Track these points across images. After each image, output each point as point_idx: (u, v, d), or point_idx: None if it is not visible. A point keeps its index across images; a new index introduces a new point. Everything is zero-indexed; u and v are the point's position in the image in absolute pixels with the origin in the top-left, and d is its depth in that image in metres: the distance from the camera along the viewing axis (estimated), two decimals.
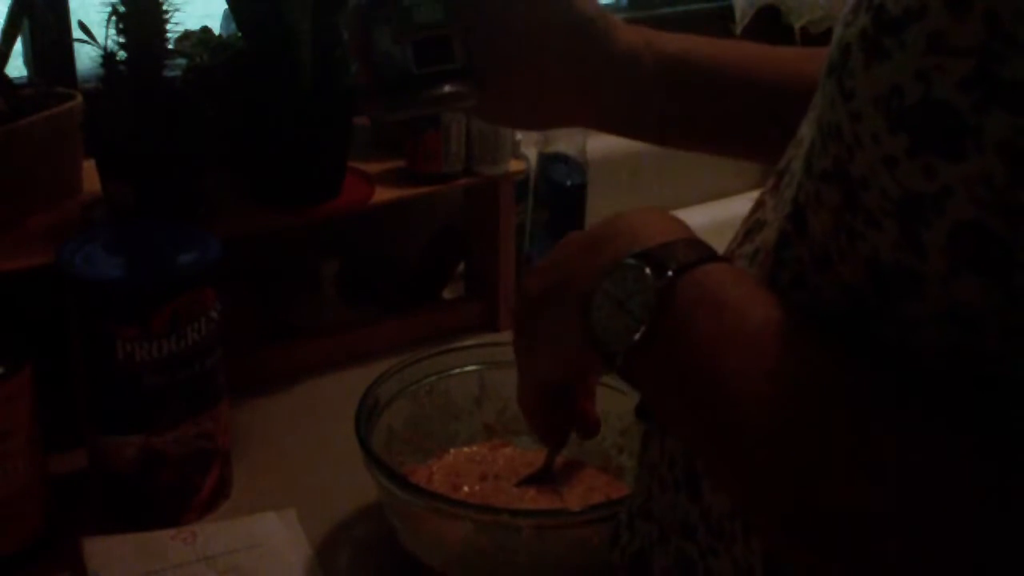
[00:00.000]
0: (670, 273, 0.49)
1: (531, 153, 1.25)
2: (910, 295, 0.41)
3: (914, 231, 0.40)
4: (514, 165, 1.17)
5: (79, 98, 1.01)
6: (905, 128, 0.38)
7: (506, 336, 1.18)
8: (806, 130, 0.49)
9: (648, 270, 0.49)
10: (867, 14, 0.40)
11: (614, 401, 0.94)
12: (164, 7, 0.93)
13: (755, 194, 0.57)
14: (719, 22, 1.53)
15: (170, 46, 0.96)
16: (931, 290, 0.40)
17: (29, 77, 1.13)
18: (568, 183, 1.23)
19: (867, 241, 0.42)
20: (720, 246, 0.54)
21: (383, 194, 1.11)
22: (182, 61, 1.00)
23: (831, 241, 0.44)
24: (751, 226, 0.55)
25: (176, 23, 0.95)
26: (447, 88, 0.66)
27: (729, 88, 0.72)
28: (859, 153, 0.41)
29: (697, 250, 0.51)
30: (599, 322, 0.52)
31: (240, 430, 1.00)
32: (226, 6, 1.02)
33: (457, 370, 0.98)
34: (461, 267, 1.27)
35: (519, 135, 1.21)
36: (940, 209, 0.38)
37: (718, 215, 1.43)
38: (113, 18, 0.92)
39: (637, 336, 0.49)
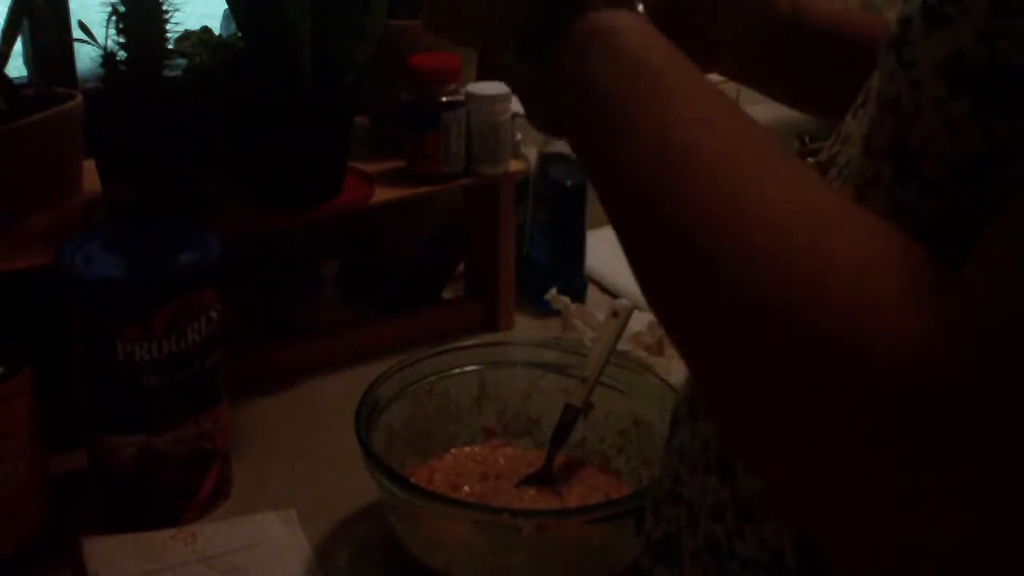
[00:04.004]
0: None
1: (531, 153, 1.25)
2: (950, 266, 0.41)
3: (972, 194, 0.40)
4: (514, 165, 1.17)
5: (79, 98, 1.01)
6: (968, 91, 0.39)
7: (506, 336, 1.19)
8: (853, 126, 0.50)
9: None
10: None
11: (614, 401, 0.95)
12: (164, 7, 0.93)
13: None
14: None
15: (170, 46, 0.97)
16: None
17: (29, 77, 1.13)
18: (568, 183, 1.23)
19: (917, 213, 0.43)
20: None
21: (383, 194, 1.11)
22: (182, 61, 1.00)
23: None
24: None
25: (176, 23, 0.95)
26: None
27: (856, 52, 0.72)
28: (919, 121, 0.41)
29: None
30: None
31: (240, 430, 1.00)
32: (226, 6, 1.02)
33: (457, 370, 0.98)
34: (461, 267, 1.26)
35: (519, 135, 1.21)
36: (1000, 169, 0.39)
37: None
38: (113, 18, 0.92)
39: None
